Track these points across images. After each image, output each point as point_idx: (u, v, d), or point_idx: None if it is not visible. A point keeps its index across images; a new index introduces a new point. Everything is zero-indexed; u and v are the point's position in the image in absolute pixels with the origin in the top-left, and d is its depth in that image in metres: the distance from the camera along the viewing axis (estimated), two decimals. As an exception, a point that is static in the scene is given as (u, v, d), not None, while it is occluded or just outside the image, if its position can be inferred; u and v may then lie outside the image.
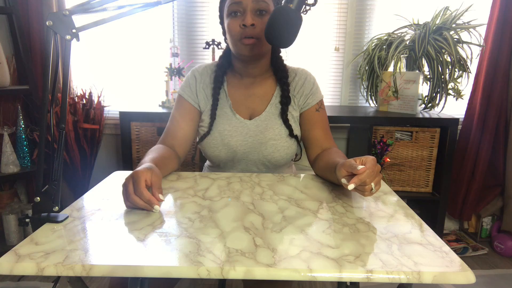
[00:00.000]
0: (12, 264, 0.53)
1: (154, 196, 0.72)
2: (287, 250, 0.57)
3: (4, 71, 1.71)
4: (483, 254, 2.01)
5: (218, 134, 1.05)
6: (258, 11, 0.95)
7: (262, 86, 1.08)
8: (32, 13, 1.84)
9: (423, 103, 1.92)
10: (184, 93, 1.07)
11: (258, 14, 0.95)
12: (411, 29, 1.92)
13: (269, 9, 0.96)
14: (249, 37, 0.95)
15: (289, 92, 1.06)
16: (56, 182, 0.70)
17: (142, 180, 0.71)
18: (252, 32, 0.95)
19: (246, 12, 0.94)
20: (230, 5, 0.96)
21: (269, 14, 0.95)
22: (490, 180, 2.06)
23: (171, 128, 1.05)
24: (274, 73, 1.08)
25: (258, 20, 0.95)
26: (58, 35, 0.68)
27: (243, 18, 0.95)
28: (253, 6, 0.94)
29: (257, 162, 1.07)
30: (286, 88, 1.05)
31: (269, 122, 1.05)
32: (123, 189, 0.73)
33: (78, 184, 2.00)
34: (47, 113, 0.69)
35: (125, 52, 2.10)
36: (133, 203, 0.70)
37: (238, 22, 0.95)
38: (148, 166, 0.76)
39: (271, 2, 0.97)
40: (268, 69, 1.08)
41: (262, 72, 1.07)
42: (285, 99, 1.05)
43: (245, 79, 1.07)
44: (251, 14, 0.95)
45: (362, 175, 0.71)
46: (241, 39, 0.96)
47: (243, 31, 0.95)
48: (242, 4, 0.94)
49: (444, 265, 0.54)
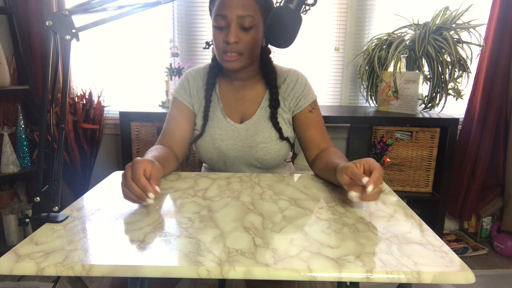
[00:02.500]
0: (12, 264, 0.53)
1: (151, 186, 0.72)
2: (287, 250, 0.57)
3: (4, 71, 1.71)
4: (483, 254, 2.01)
5: (209, 138, 1.05)
6: (242, 26, 0.92)
7: (252, 89, 1.07)
8: (32, 13, 1.84)
9: (423, 103, 1.92)
10: (179, 95, 1.08)
11: (243, 29, 0.93)
12: (411, 29, 1.92)
13: (255, 24, 0.93)
14: (232, 52, 0.94)
15: (278, 95, 1.05)
16: (56, 182, 0.70)
17: (141, 167, 0.72)
18: (235, 49, 0.93)
19: (230, 27, 0.92)
20: (216, 16, 0.94)
21: (255, 29, 0.93)
22: (490, 180, 2.06)
23: (168, 129, 1.05)
24: (263, 76, 1.07)
25: (242, 35, 0.93)
26: (58, 35, 0.68)
27: (227, 33, 0.92)
28: (238, 22, 0.92)
29: (249, 165, 1.08)
30: (274, 91, 1.04)
31: (259, 125, 1.05)
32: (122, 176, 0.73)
33: (78, 184, 2.00)
34: (47, 113, 0.69)
35: (125, 52, 2.10)
36: (129, 188, 0.70)
37: (222, 36, 0.93)
38: (149, 159, 0.77)
39: (259, 16, 0.94)
40: (257, 72, 1.07)
41: (252, 76, 1.06)
42: (273, 102, 1.04)
43: (235, 82, 1.07)
44: (235, 29, 0.92)
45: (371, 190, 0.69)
46: (224, 54, 0.95)
47: (226, 46, 0.93)
48: (227, 18, 0.92)
49: (444, 265, 0.54)
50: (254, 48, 0.96)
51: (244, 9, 0.91)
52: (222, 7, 0.92)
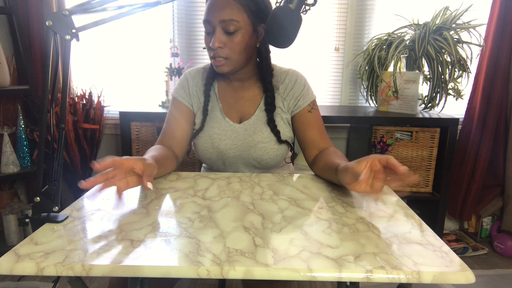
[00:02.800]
0: (12, 264, 0.53)
1: (143, 183, 0.72)
2: (287, 250, 0.57)
3: (4, 71, 1.71)
4: (483, 254, 2.01)
5: (208, 137, 1.05)
6: (226, 30, 0.92)
7: (251, 89, 1.07)
8: (32, 13, 1.84)
9: (423, 103, 1.92)
10: (179, 95, 1.08)
11: (227, 34, 0.93)
12: (411, 29, 1.92)
13: (240, 27, 0.92)
14: (218, 57, 0.94)
15: (274, 98, 1.04)
16: (56, 182, 0.70)
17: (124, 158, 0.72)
18: (221, 53, 0.94)
19: (215, 32, 0.92)
20: (203, 21, 0.95)
21: (241, 32, 0.93)
22: (490, 180, 2.06)
23: (168, 129, 1.05)
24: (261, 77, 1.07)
25: (227, 40, 0.93)
26: (58, 35, 0.68)
27: (211, 38, 0.93)
28: (221, 27, 0.92)
29: (248, 165, 1.08)
30: (269, 95, 1.04)
31: (257, 125, 1.05)
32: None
33: (78, 184, 2.00)
34: (47, 113, 0.69)
35: (125, 52, 2.10)
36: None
37: (209, 41, 0.95)
38: (140, 157, 0.77)
39: (245, 19, 0.92)
40: (255, 73, 1.06)
41: (249, 77, 1.06)
42: (269, 106, 1.04)
43: (234, 83, 1.07)
44: (219, 35, 0.92)
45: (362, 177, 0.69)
46: (213, 58, 0.96)
47: (213, 51, 0.94)
48: (211, 23, 0.93)
49: (444, 265, 0.54)
50: (241, 52, 0.95)
51: (226, 14, 0.91)
52: (207, 13, 0.93)
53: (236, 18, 0.91)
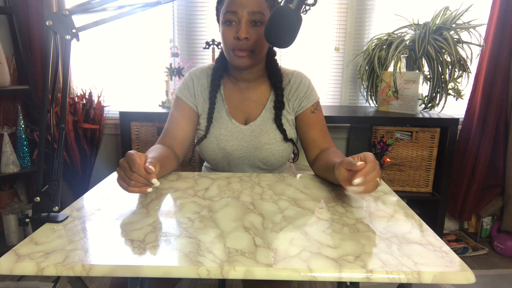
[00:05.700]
0: (12, 264, 0.53)
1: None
2: (287, 250, 0.57)
3: (4, 71, 1.71)
4: (483, 254, 2.01)
5: (214, 138, 1.05)
6: (253, 22, 0.93)
7: (257, 90, 1.08)
8: (32, 13, 1.84)
9: (423, 103, 1.92)
10: (182, 95, 1.07)
11: (253, 25, 0.94)
12: (411, 29, 1.92)
13: (264, 20, 0.94)
14: (242, 49, 0.94)
15: (283, 97, 1.05)
16: (56, 182, 0.70)
17: (137, 157, 0.72)
18: (246, 45, 0.94)
19: (241, 23, 0.93)
20: (226, 13, 0.94)
21: (264, 24, 0.93)
22: (490, 180, 2.06)
23: (170, 128, 1.05)
24: (269, 77, 1.07)
25: (252, 31, 0.94)
26: (58, 35, 0.68)
27: (238, 30, 0.93)
28: (248, 18, 0.93)
29: (253, 165, 1.08)
30: (279, 93, 1.04)
31: (263, 127, 1.05)
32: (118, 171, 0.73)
33: (78, 184, 2.00)
34: (47, 113, 0.69)
35: (125, 52, 2.10)
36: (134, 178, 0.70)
37: (233, 32, 0.94)
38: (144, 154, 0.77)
39: (268, 13, 0.95)
40: (263, 73, 1.07)
41: (257, 77, 1.06)
42: (278, 104, 1.04)
43: (241, 83, 1.07)
44: (246, 25, 0.93)
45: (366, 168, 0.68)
46: (234, 50, 0.95)
47: (237, 43, 0.94)
48: (238, 14, 0.93)
49: (444, 265, 0.54)
50: (263, 46, 0.97)
51: (255, 5, 0.92)
52: (233, 4, 0.93)
53: (263, 10, 0.93)
